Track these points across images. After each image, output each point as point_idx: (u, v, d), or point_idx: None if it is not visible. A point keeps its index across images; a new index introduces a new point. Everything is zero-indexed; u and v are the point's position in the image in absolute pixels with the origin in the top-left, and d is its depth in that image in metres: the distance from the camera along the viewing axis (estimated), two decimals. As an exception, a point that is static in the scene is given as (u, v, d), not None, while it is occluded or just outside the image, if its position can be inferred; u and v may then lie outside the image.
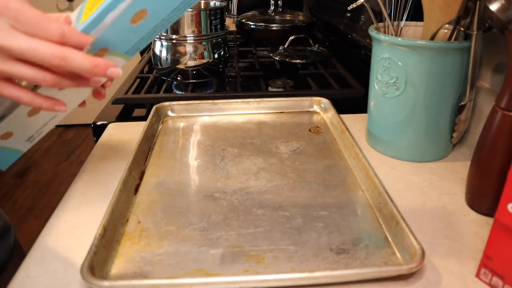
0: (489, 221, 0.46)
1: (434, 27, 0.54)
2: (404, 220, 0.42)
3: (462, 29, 0.53)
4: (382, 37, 0.55)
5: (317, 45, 1.05)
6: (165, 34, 0.83)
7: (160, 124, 0.70)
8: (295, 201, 0.49)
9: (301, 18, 1.25)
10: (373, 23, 0.59)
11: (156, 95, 0.83)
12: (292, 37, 1.04)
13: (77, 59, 0.36)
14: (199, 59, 0.85)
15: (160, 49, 0.86)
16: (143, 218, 0.47)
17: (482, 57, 0.61)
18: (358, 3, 0.62)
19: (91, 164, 0.59)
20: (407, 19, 0.61)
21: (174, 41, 0.83)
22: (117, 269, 0.40)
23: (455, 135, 0.57)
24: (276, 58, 1.00)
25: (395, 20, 0.60)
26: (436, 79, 0.53)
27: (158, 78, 0.93)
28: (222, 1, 0.91)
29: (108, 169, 0.58)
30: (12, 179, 2.20)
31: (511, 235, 0.35)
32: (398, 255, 0.41)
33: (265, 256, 0.41)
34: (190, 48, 0.84)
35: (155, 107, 0.71)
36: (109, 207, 0.44)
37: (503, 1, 0.46)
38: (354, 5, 0.62)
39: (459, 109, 0.55)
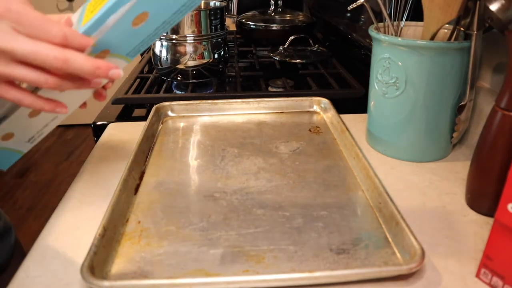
0: (489, 221, 0.46)
1: (434, 27, 0.54)
2: (404, 220, 0.42)
3: (462, 29, 0.53)
4: (382, 37, 0.55)
5: (317, 45, 1.05)
6: (165, 34, 0.83)
7: (160, 124, 0.70)
8: (295, 201, 0.49)
9: (301, 18, 1.25)
10: (373, 23, 0.59)
11: (156, 95, 0.83)
12: (292, 37, 1.04)
13: (79, 61, 0.36)
14: (199, 59, 0.85)
15: (160, 49, 0.86)
16: (143, 218, 0.47)
17: (482, 57, 0.61)
18: (358, 3, 0.62)
19: (91, 164, 0.59)
20: (407, 19, 0.61)
21: (174, 41, 0.83)
22: (117, 269, 0.40)
23: (455, 135, 0.57)
24: (276, 58, 1.00)
25: (395, 20, 0.60)
26: (436, 79, 0.53)
27: (158, 78, 0.93)
28: (222, 1, 0.91)
29: (108, 169, 0.58)
30: (12, 179, 2.20)
31: (511, 235, 0.35)
32: (398, 255, 0.41)
33: (265, 256, 0.41)
34: (190, 48, 0.84)
35: (155, 107, 0.71)
36: (109, 207, 0.44)
37: (503, 1, 0.46)
38: (354, 5, 0.62)
39: (459, 109, 0.55)
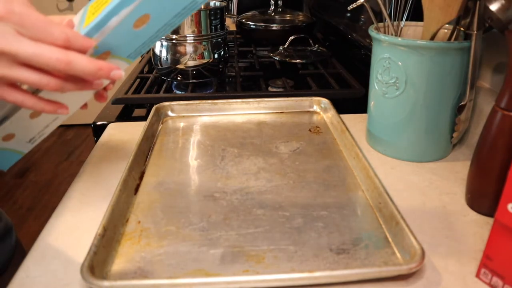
0: (489, 221, 0.46)
1: (434, 27, 0.54)
2: (404, 220, 0.42)
3: (462, 29, 0.53)
4: (382, 37, 0.55)
5: (317, 45, 1.05)
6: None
7: (160, 124, 0.70)
8: (295, 201, 0.49)
9: (301, 18, 1.25)
10: (373, 23, 0.59)
11: (156, 95, 0.83)
12: (292, 37, 1.04)
13: (82, 63, 0.36)
14: (199, 59, 0.85)
15: (160, 49, 0.86)
16: (143, 218, 0.47)
17: (482, 57, 0.61)
18: (358, 3, 0.62)
19: (91, 164, 0.59)
20: (407, 19, 0.61)
21: (174, 41, 0.83)
22: (117, 269, 0.40)
23: (455, 135, 0.57)
24: (276, 58, 1.00)
25: (395, 20, 0.60)
26: (436, 79, 0.53)
27: (158, 78, 0.93)
28: (222, 1, 0.91)
29: (108, 169, 0.58)
30: (12, 179, 2.20)
31: (511, 235, 0.35)
32: (398, 255, 0.41)
33: (265, 256, 0.41)
34: (190, 48, 0.84)
35: (155, 107, 0.71)
36: (109, 207, 0.44)
37: (503, 1, 0.46)
38: (354, 5, 0.62)
39: (459, 109, 0.55)
